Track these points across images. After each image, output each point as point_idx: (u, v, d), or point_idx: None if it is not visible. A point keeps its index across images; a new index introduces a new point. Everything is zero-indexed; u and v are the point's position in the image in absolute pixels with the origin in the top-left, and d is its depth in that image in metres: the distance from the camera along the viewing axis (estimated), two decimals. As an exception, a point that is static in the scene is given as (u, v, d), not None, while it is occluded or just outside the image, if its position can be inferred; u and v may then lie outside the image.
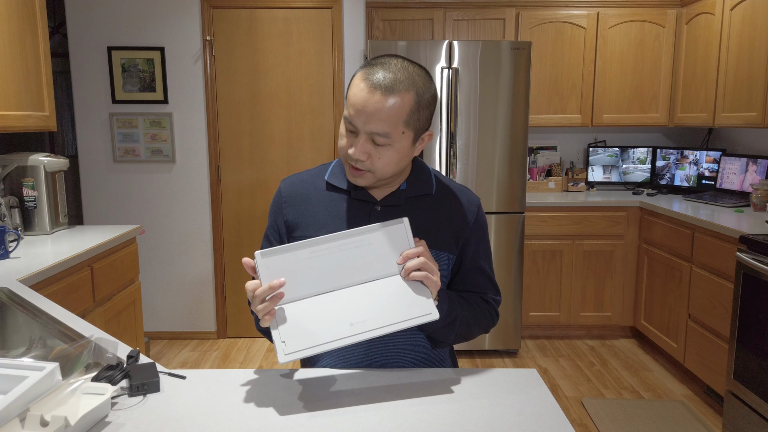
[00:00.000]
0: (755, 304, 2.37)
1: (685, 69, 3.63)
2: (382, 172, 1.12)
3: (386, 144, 1.09)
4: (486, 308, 1.26)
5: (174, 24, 3.53)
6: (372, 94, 1.06)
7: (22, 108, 2.32)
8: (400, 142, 1.11)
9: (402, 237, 1.09)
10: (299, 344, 1.02)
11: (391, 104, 1.06)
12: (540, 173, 4.03)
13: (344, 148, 1.13)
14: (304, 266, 1.06)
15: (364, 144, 1.09)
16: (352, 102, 1.09)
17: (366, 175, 1.13)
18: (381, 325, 1.04)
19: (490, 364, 3.36)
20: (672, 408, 2.79)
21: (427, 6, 3.68)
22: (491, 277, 1.28)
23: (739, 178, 3.40)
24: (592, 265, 3.62)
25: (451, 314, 1.16)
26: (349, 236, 1.08)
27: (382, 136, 1.08)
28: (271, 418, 0.99)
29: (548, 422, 0.98)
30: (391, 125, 1.08)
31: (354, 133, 1.11)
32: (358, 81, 1.09)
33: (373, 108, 1.06)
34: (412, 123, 1.11)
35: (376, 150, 1.10)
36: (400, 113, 1.08)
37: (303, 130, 3.63)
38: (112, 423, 0.98)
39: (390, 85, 1.07)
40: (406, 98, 1.08)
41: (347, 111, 1.10)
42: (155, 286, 3.77)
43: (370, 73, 1.09)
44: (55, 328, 1.38)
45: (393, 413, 1.00)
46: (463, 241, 1.24)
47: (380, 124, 1.07)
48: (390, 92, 1.06)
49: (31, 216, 2.51)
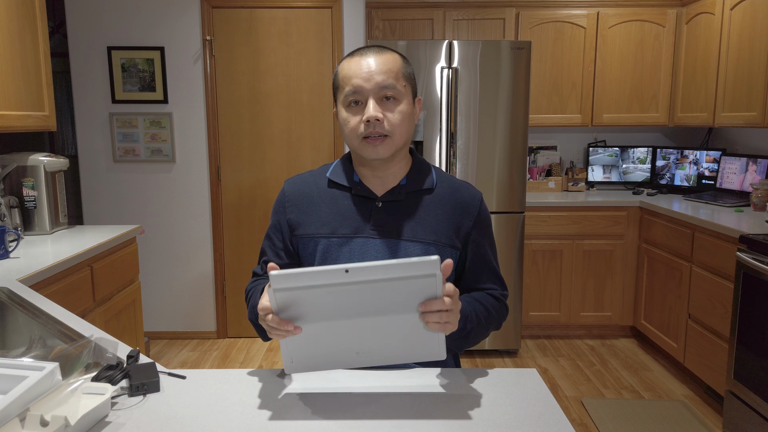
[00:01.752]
0: (755, 304, 2.37)
1: (685, 69, 3.63)
2: (398, 132, 1.17)
3: (394, 96, 1.16)
4: (497, 306, 1.26)
5: (174, 24, 3.53)
6: (366, 57, 1.16)
7: (22, 108, 2.32)
8: (405, 96, 1.18)
9: (431, 283, 0.95)
10: (304, 365, 1.04)
11: (387, 57, 1.17)
12: (540, 173, 4.03)
13: (356, 123, 1.16)
14: (320, 300, 0.97)
15: (375, 104, 1.15)
16: (350, 75, 1.16)
17: (385, 141, 1.16)
18: (386, 358, 1.04)
19: (490, 363, 3.36)
20: (672, 408, 2.79)
21: (427, 6, 3.68)
22: (497, 271, 1.29)
23: (739, 177, 3.40)
24: (592, 265, 3.62)
25: (465, 328, 1.15)
26: (372, 277, 0.94)
27: (389, 88, 1.15)
28: (271, 418, 0.99)
29: (548, 422, 0.98)
30: (393, 76, 1.15)
31: (359, 104, 1.16)
32: (347, 63, 1.18)
33: (374, 65, 1.15)
34: (408, 76, 1.20)
35: (387, 108, 1.16)
36: (396, 65, 1.17)
37: (303, 130, 3.63)
38: (112, 423, 0.98)
39: (376, 50, 1.18)
40: (395, 55, 1.19)
41: (348, 87, 1.16)
42: (155, 286, 3.76)
43: (354, 53, 1.19)
44: (55, 328, 1.38)
45: (393, 413, 1.00)
46: (467, 237, 1.24)
47: (384, 76, 1.15)
48: (380, 51, 1.18)
49: (31, 216, 2.51)
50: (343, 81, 1.17)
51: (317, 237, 1.22)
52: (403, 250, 1.19)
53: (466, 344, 1.20)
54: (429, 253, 1.19)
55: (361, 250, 1.19)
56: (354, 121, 1.16)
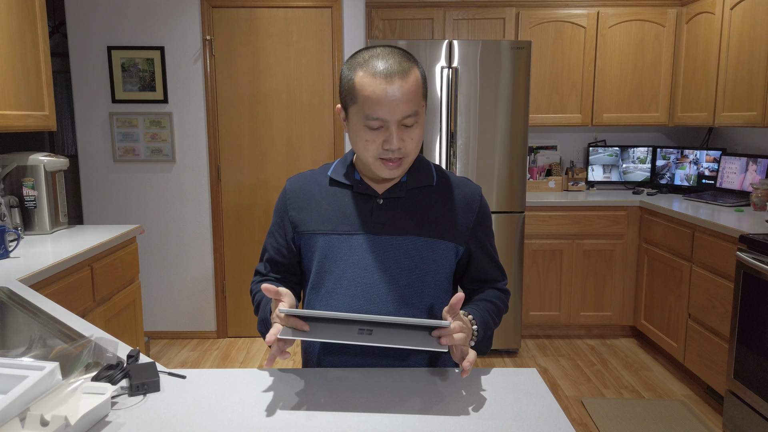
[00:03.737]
0: (755, 304, 2.37)
1: (685, 68, 3.63)
2: (414, 152, 1.16)
3: (415, 123, 1.14)
4: (503, 297, 1.31)
5: (174, 23, 3.53)
6: (390, 83, 1.09)
7: (22, 107, 2.32)
8: (422, 116, 1.16)
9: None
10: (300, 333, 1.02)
11: (411, 83, 1.11)
12: (540, 173, 4.02)
13: (375, 146, 1.13)
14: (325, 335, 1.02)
15: (398, 132, 1.12)
16: (372, 101, 1.09)
17: (402, 163, 1.16)
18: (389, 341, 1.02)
19: (490, 363, 3.36)
20: (672, 407, 2.79)
21: (427, 5, 3.68)
22: (498, 261, 1.33)
23: (739, 177, 3.40)
24: (592, 265, 3.62)
25: (486, 334, 1.21)
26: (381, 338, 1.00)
27: (412, 117, 1.12)
28: (271, 418, 0.99)
29: (548, 422, 0.98)
30: (417, 103, 1.12)
31: (380, 128, 1.12)
32: (367, 79, 1.10)
33: (399, 93, 1.09)
34: (426, 93, 1.17)
35: (407, 133, 1.13)
36: (418, 88, 1.12)
37: (303, 130, 3.63)
38: (112, 423, 0.98)
39: (399, 69, 1.10)
40: (416, 73, 1.13)
41: (368, 110, 1.10)
42: (155, 286, 3.77)
43: (373, 67, 1.10)
44: (55, 328, 1.38)
45: (393, 413, 1.00)
46: (470, 232, 1.26)
47: (410, 106, 1.11)
48: (405, 74, 1.10)
49: (31, 216, 2.51)
50: (363, 101, 1.11)
51: (317, 234, 1.22)
52: (405, 247, 1.19)
53: (489, 345, 1.25)
54: (430, 248, 1.20)
55: (362, 248, 1.19)
56: (372, 143, 1.13)
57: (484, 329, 1.18)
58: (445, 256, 1.22)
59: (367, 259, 1.19)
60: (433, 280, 1.21)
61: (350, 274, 1.19)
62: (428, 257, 1.20)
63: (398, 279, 1.18)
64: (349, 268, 1.19)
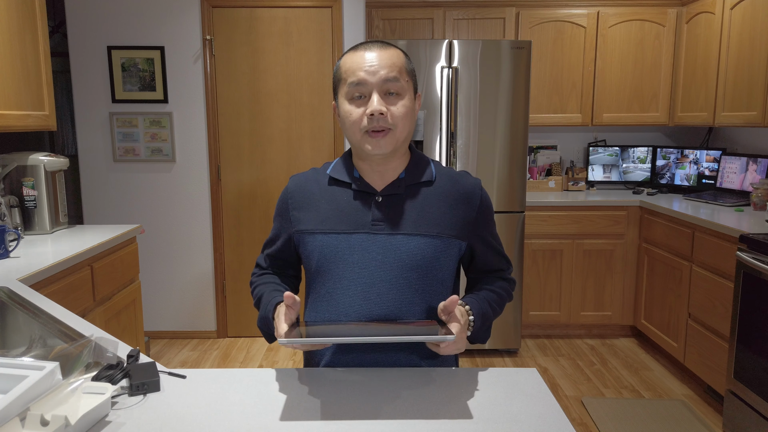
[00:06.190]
0: (755, 304, 2.37)
1: (685, 68, 3.63)
2: (401, 126, 1.17)
3: (398, 91, 1.16)
4: (506, 286, 1.33)
5: (174, 23, 3.53)
6: (370, 51, 1.16)
7: (22, 107, 2.32)
8: (407, 91, 1.18)
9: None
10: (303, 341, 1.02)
11: (391, 52, 1.17)
12: (540, 172, 4.02)
13: (358, 116, 1.17)
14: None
15: (379, 99, 1.15)
16: (353, 68, 1.16)
17: (388, 135, 1.17)
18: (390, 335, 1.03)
19: (490, 363, 3.36)
20: (672, 407, 2.79)
21: (427, 5, 3.68)
22: (502, 251, 1.34)
23: (739, 177, 3.40)
24: (592, 265, 3.62)
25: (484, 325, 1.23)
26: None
27: (393, 81, 1.15)
28: (271, 418, 0.99)
29: (548, 422, 0.98)
30: (397, 70, 1.16)
31: (362, 97, 1.16)
32: (350, 56, 1.18)
33: (378, 58, 1.15)
34: (410, 72, 1.21)
35: (390, 102, 1.16)
36: (399, 60, 1.18)
37: (303, 130, 3.63)
38: (112, 422, 0.98)
39: (381, 43, 1.19)
40: (398, 51, 1.20)
41: (351, 78, 1.16)
42: (155, 286, 3.77)
43: (357, 47, 1.18)
44: (55, 328, 1.38)
45: (393, 413, 1.00)
46: (472, 226, 1.25)
47: (388, 69, 1.15)
48: (384, 46, 1.18)
49: (31, 215, 2.51)
50: (345, 73, 1.17)
51: (316, 233, 1.22)
52: (405, 245, 1.19)
53: (488, 334, 1.27)
54: (431, 245, 1.20)
55: (361, 247, 1.19)
56: (356, 114, 1.16)
57: (482, 320, 1.20)
58: (446, 253, 1.22)
59: (366, 258, 1.18)
60: (434, 278, 1.21)
61: (350, 273, 1.18)
62: (429, 255, 1.19)
63: (398, 278, 1.18)
64: (349, 268, 1.18)
